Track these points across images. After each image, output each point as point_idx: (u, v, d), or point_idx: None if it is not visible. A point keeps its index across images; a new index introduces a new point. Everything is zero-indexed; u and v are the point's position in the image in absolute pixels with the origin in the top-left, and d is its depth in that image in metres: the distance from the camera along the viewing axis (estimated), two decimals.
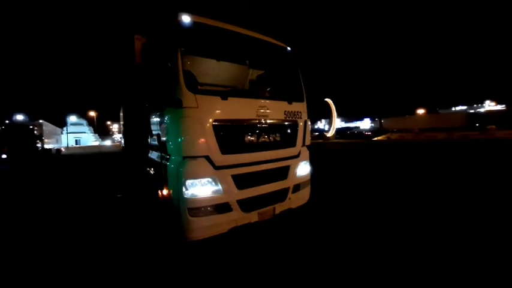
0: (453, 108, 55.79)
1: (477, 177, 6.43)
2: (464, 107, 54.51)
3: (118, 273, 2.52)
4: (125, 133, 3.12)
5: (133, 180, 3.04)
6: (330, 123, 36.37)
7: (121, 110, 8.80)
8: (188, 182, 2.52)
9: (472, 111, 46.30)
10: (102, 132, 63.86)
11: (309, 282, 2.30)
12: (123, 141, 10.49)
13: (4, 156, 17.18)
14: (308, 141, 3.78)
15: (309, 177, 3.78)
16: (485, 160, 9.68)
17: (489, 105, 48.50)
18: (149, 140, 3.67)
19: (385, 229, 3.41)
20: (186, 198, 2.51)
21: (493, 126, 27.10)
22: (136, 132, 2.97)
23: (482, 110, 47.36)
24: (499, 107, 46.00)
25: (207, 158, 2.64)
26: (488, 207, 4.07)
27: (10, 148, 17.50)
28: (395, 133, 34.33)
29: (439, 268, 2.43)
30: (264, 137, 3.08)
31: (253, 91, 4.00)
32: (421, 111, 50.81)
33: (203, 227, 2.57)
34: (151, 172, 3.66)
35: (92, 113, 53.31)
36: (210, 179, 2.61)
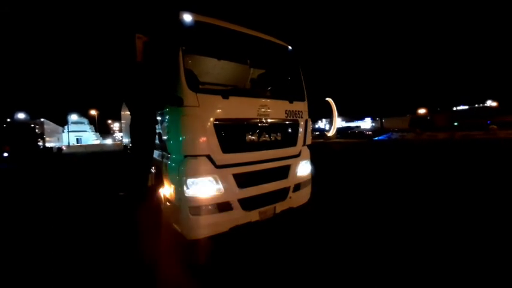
0: (454, 108, 55.51)
1: (484, 178, 6.42)
2: (466, 107, 54.24)
3: (119, 271, 2.53)
4: (130, 131, 3.13)
5: (136, 178, 3.04)
6: (330, 123, 36.32)
7: (122, 109, 8.79)
8: (189, 181, 2.52)
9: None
10: (103, 131, 64.12)
11: (309, 282, 2.30)
12: (124, 140, 10.54)
13: (6, 154, 17.27)
14: (309, 141, 3.77)
15: (309, 177, 3.78)
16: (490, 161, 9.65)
17: (490, 105, 48.23)
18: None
19: (385, 228, 3.41)
20: (187, 196, 2.52)
21: (495, 126, 27.06)
22: (142, 130, 2.98)
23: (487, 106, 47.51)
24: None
25: (208, 157, 2.64)
26: (493, 209, 4.06)
27: (12, 146, 17.58)
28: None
29: (437, 268, 2.43)
30: (264, 136, 3.08)
31: (255, 90, 3.99)
32: (422, 110, 50.73)
33: (204, 226, 2.58)
34: (153, 171, 3.67)
35: (93, 112, 53.51)
36: (211, 178, 2.62)
